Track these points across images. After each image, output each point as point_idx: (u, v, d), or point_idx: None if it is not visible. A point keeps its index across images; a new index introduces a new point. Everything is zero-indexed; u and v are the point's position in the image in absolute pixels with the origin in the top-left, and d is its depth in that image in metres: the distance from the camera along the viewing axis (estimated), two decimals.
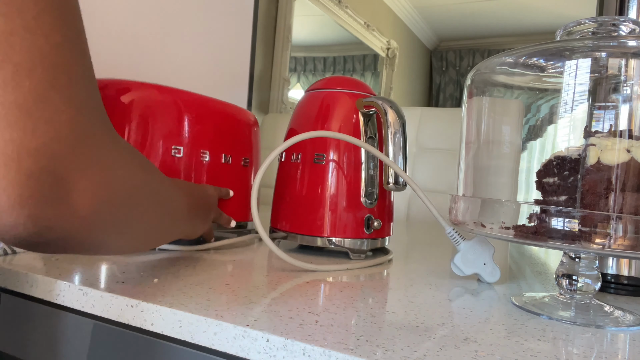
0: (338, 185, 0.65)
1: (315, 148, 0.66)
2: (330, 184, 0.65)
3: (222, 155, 0.70)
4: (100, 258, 0.56)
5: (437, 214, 0.58)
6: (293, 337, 0.35)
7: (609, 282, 0.58)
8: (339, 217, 0.65)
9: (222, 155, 0.70)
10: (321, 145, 0.66)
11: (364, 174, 0.66)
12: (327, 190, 0.65)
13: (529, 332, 0.40)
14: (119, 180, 0.33)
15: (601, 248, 0.41)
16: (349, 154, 0.66)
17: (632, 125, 0.45)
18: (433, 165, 1.59)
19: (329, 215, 0.65)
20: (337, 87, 0.68)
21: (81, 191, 0.28)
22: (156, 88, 0.64)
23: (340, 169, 0.65)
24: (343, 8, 2.62)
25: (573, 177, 0.44)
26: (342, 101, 0.67)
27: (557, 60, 0.50)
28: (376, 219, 0.66)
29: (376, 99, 0.64)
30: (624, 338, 0.41)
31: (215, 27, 1.37)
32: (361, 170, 0.66)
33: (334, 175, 0.65)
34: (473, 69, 0.55)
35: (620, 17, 0.55)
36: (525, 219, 0.45)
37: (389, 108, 0.62)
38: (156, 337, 0.42)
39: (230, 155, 0.71)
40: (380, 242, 0.68)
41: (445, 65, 4.39)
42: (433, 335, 0.37)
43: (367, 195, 0.66)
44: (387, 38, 3.34)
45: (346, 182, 0.65)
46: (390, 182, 0.62)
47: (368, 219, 0.66)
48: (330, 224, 0.64)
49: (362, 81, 0.72)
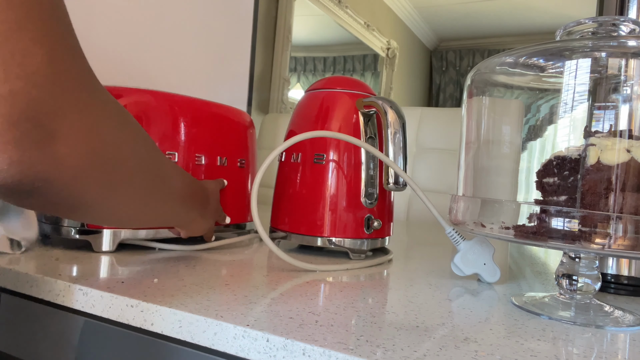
0: (338, 185, 0.65)
1: (315, 148, 0.66)
2: (330, 184, 0.65)
3: (217, 157, 0.70)
4: (99, 257, 0.56)
5: (437, 214, 0.58)
6: (293, 337, 0.35)
7: (609, 282, 0.58)
8: (339, 217, 0.65)
9: (218, 157, 0.70)
10: (321, 145, 0.66)
11: (364, 174, 0.66)
12: (327, 190, 0.65)
13: (529, 332, 0.40)
14: (104, 130, 0.31)
15: (601, 248, 0.41)
16: (349, 154, 0.65)
17: (632, 125, 0.45)
18: (433, 165, 1.59)
19: (329, 215, 0.65)
20: (337, 87, 0.68)
21: (64, 137, 0.28)
22: (149, 93, 0.64)
23: (340, 169, 0.65)
24: (343, 8, 2.62)
25: (573, 177, 0.44)
26: (342, 101, 0.67)
27: (557, 60, 0.50)
28: (376, 219, 0.66)
29: (376, 99, 0.64)
30: (624, 338, 0.41)
31: (215, 27, 1.37)
32: (361, 170, 0.66)
33: (334, 176, 0.65)
34: (473, 69, 0.55)
35: (620, 17, 0.55)
36: (525, 219, 0.45)
37: (389, 108, 0.62)
38: (156, 337, 0.42)
39: (225, 157, 0.71)
40: (380, 242, 0.68)
41: (445, 65, 4.39)
42: (433, 335, 0.37)
43: (367, 195, 0.66)
44: (387, 38, 3.34)
45: (346, 182, 0.65)
46: (390, 182, 0.62)
47: (368, 219, 0.66)
48: (330, 224, 0.64)
49: (362, 81, 0.72)
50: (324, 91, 0.68)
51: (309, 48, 3.20)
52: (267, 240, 0.55)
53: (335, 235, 0.64)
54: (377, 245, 0.68)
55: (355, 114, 0.66)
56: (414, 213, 1.60)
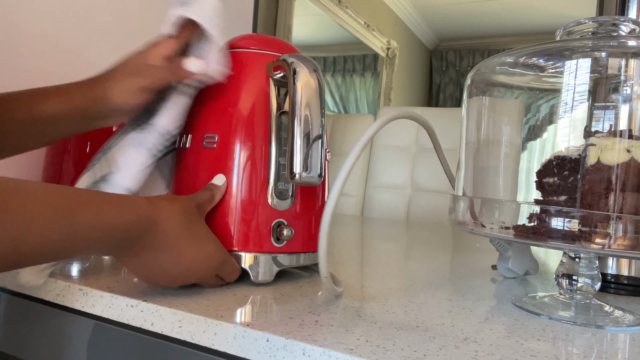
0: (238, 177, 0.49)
1: (207, 127, 0.50)
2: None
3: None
4: (99, 257, 0.56)
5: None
6: (293, 337, 0.35)
7: (609, 282, 0.58)
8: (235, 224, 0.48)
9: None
10: (213, 123, 0.50)
11: (274, 163, 0.49)
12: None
13: (529, 332, 0.40)
14: None
15: (601, 248, 0.41)
16: (251, 134, 0.49)
17: (632, 125, 0.45)
18: (433, 165, 1.59)
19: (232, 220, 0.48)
20: (245, 47, 0.51)
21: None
22: None
23: (237, 155, 0.49)
24: (343, 8, 2.62)
25: (573, 177, 0.44)
26: (250, 65, 0.51)
27: (557, 60, 0.50)
28: (289, 226, 0.49)
29: (287, 57, 0.48)
30: (624, 338, 0.41)
31: None
32: (270, 158, 0.49)
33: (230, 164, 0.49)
34: (473, 69, 0.55)
35: (620, 17, 0.55)
36: (525, 218, 0.45)
37: (302, 67, 0.47)
38: (156, 337, 0.42)
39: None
40: (296, 260, 0.50)
41: (445, 65, 4.39)
42: (433, 335, 0.37)
43: (278, 193, 0.49)
44: (387, 38, 3.34)
45: (247, 174, 0.49)
46: (296, 172, 0.45)
47: (278, 225, 0.49)
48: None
49: (284, 41, 0.55)
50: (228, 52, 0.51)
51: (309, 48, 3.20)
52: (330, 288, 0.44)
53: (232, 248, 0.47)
54: (292, 264, 0.50)
55: (265, 81, 0.50)
56: (414, 213, 1.60)
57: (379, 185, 1.70)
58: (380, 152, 1.71)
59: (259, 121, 0.49)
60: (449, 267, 0.71)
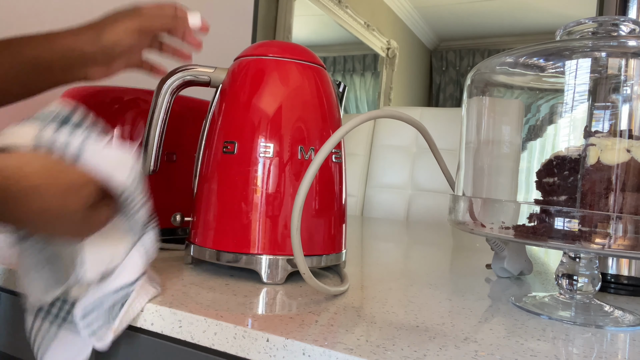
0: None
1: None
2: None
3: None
4: None
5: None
6: (293, 337, 0.35)
7: (609, 282, 0.58)
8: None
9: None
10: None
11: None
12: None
13: (529, 332, 0.40)
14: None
15: (601, 248, 0.41)
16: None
17: (632, 125, 0.45)
18: (433, 166, 1.58)
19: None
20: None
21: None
22: (149, 93, 0.61)
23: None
24: (343, 8, 2.62)
25: (573, 177, 0.44)
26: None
27: (557, 60, 0.50)
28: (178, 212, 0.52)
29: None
30: (624, 338, 0.41)
31: (215, 27, 1.37)
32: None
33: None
34: (473, 69, 0.55)
35: (620, 17, 0.55)
36: (525, 219, 0.45)
37: None
38: (156, 337, 0.42)
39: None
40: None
41: (445, 65, 4.39)
42: (433, 335, 0.37)
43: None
44: (387, 38, 3.34)
45: None
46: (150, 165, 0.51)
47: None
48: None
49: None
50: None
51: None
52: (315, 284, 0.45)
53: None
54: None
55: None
56: (414, 213, 1.60)
57: (379, 185, 1.70)
58: (380, 152, 1.71)
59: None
60: (449, 267, 0.71)
